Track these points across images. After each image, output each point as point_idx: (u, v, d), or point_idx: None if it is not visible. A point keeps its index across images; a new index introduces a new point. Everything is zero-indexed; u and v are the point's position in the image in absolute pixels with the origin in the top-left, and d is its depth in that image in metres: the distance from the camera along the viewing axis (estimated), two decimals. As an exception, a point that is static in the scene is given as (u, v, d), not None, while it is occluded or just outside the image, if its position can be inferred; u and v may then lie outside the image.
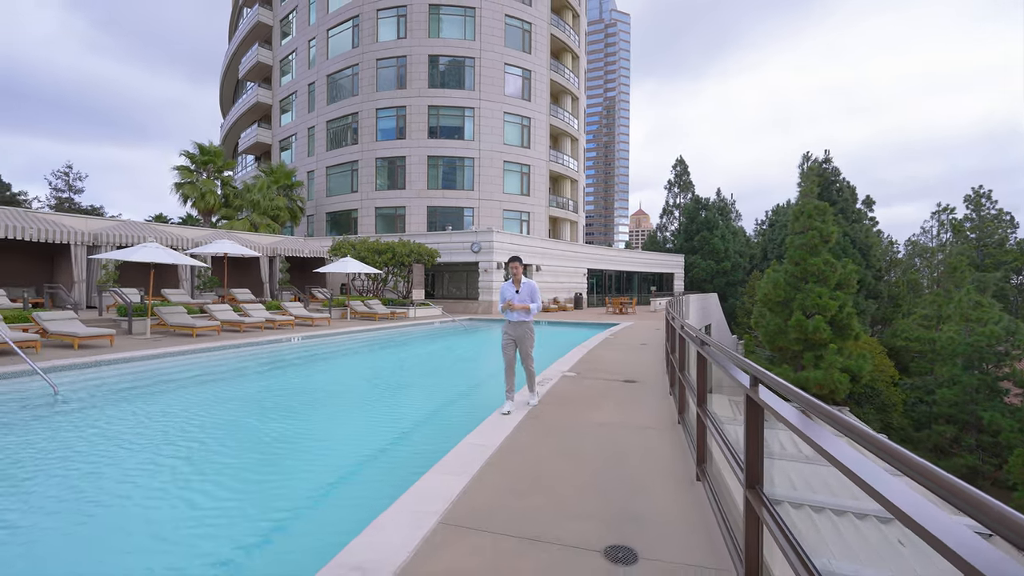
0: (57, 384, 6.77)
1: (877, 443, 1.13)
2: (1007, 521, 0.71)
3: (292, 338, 12.73)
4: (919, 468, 0.95)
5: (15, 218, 15.47)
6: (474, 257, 23.59)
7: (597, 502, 3.13)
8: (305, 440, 5.47)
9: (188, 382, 8.17)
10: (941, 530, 0.82)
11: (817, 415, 1.51)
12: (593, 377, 7.44)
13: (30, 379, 7.36)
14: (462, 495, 3.17)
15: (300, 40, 36.15)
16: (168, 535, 3.22)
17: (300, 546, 3.14)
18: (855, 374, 20.90)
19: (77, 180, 33.09)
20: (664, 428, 4.80)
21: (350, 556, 2.43)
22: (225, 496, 3.89)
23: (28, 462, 4.44)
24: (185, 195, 28.47)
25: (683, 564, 2.44)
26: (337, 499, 3.86)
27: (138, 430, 5.49)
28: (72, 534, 3.23)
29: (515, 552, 2.52)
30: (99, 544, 3.14)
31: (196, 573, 2.79)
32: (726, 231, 46.07)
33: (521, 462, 3.82)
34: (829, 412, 1.41)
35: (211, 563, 2.90)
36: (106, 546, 3.11)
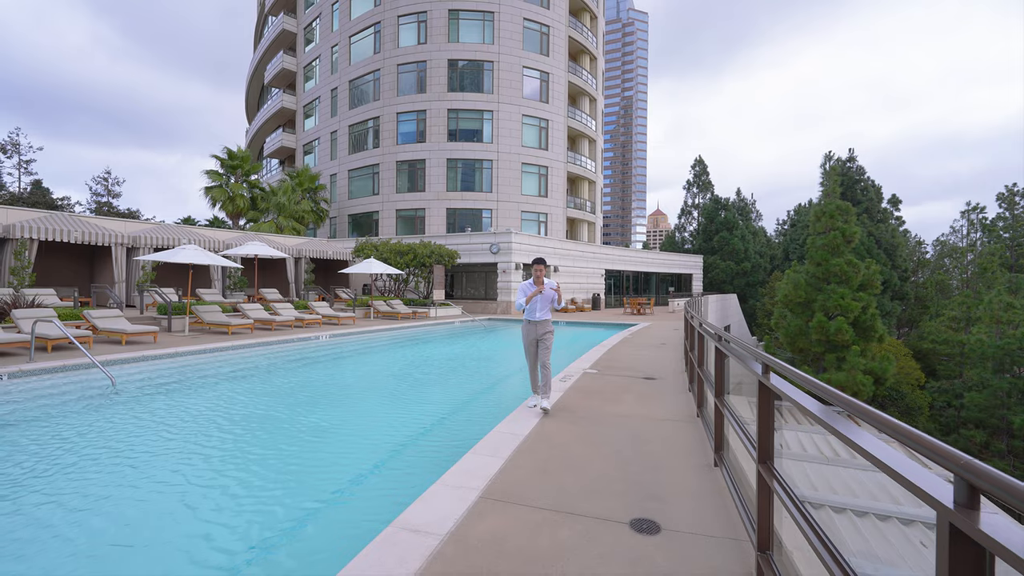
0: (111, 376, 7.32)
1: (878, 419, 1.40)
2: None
3: (320, 336, 13.26)
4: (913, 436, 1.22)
5: (62, 222, 16.41)
6: (493, 258, 23.96)
7: (622, 483, 3.41)
8: (348, 428, 5.87)
9: (230, 376, 8.69)
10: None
11: (820, 392, 1.77)
12: (613, 374, 7.69)
13: (87, 371, 7.96)
14: (498, 474, 3.49)
15: (323, 47, 37.10)
16: (241, 503, 3.62)
17: (358, 513, 3.52)
18: (879, 376, 20.59)
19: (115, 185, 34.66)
20: (683, 421, 5.05)
21: (405, 521, 2.77)
22: (284, 473, 4.29)
23: (99, 442, 4.92)
24: (214, 198, 29.54)
25: (702, 535, 2.71)
26: (382, 478, 4.23)
27: (191, 417, 5.97)
28: (148, 501, 3.66)
29: (551, 522, 2.82)
30: (182, 506, 3.55)
31: (270, 532, 3.17)
32: (746, 231, 45.55)
33: (549, 448, 4.12)
34: (832, 393, 1.68)
35: (281, 524, 3.28)
36: (184, 509, 3.52)
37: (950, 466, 0.91)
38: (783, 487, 2.08)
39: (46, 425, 5.49)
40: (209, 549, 3.03)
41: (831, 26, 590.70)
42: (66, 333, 7.89)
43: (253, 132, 48.28)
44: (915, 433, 1.03)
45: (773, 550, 2.26)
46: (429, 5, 30.78)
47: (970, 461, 0.88)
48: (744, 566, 2.42)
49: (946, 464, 0.92)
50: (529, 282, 5.46)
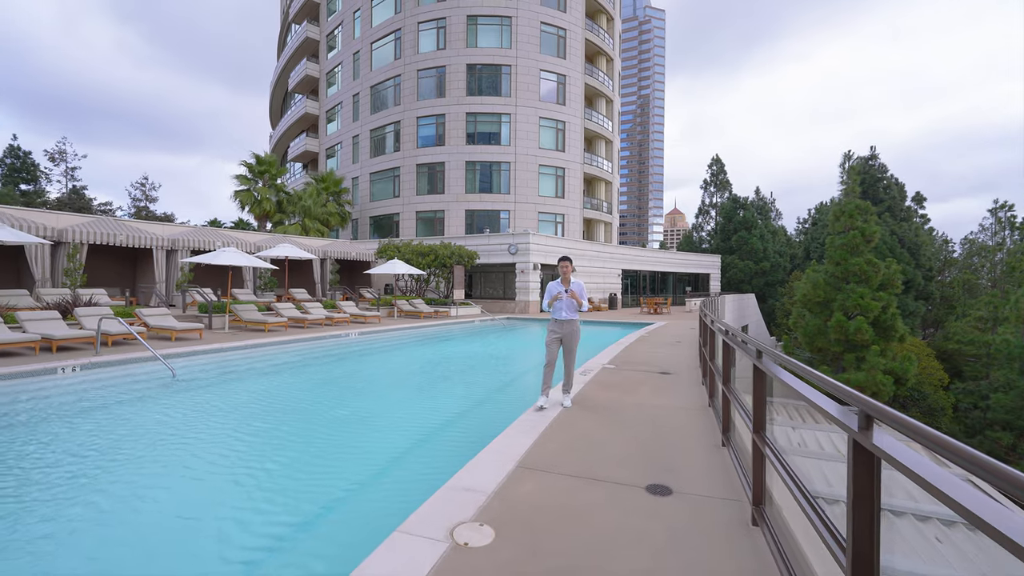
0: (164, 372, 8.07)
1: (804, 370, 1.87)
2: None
3: (350, 334, 13.97)
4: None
5: (108, 226, 17.51)
6: (511, 259, 24.50)
7: (639, 458, 3.89)
8: (391, 413, 6.50)
9: (276, 369, 9.40)
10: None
11: (794, 368, 2.24)
12: (631, 369, 8.14)
13: (148, 364, 8.74)
14: (530, 450, 4.01)
15: (345, 53, 38.16)
16: (317, 468, 4.23)
17: (413, 477, 4.10)
18: (899, 376, 20.48)
19: (152, 190, 36.29)
20: (696, 410, 5.49)
21: (456, 483, 3.31)
22: (345, 448, 4.90)
23: (173, 425, 5.60)
24: (243, 202, 30.78)
25: (707, 496, 3.19)
26: (428, 453, 4.80)
27: (249, 405, 6.64)
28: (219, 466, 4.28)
29: (578, 486, 3.33)
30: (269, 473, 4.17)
31: (340, 491, 3.76)
32: (765, 231, 45.17)
33: (573, 430, 4.63)
34: (800, 367, 2.15)
35: (348, 484, 3.87)
36: (273, 475, 4.13)
37: (852, 401, 1.39)
38: (772, 451, 2.55)
39: (125, 409, 6.22)
40: (301, 501, 3.63)
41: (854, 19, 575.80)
42: (131, 330, 8.68)
43: (277, 137, 49.78)
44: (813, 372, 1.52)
45: (765, 503, 2.73)
46: (448, 11, 31.49)
47: (862, 396, 1.36)
48: (742, 517, 2.89)
49: (853, 401, 1.40)
50: (557, 281, 5.53)
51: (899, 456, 1.24)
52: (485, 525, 2.74)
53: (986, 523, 0.86)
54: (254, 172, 31.33)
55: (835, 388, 1.62)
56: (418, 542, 2.55)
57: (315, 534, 3.27)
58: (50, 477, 4.04)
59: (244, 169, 31.11)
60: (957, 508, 0.95)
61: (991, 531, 0.84)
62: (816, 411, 2.13)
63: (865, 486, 1.38)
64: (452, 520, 2.79)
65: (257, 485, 4.04)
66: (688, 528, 2.79)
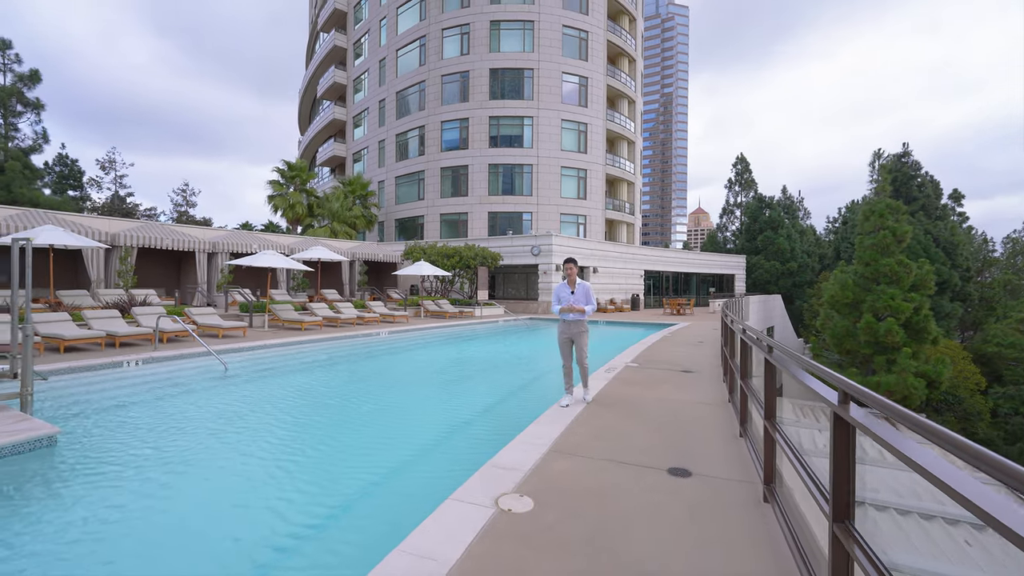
0: (217, 365, 8.75)
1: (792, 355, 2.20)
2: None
3: (380, 332, 14.59)
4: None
5: (156, 230, 18.65)
6: (533, 260, 24.87)
7: (660, 445, 4.24)
8: (428, 404, 6.99)
9: (317, 364, 10.02)
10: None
11: (800, 363, 2.57)
12: (653, 367, 8.42)
13: (201, 359, 9.46)
14: (559, 437, 4.40)
15: (372, 61, 39.23)
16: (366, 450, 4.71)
17: (455, 458, 4.55)
18: (932, 380, 20.00)
19: (192, 195, 38.13)
20: (716, 405, 5.78)
21: (495, 463, 3.72)
22: (391, 432, 5.38)
23: (238, 411, 6.20)
24: (276, 206, 32.06)
25: (723, 478, 3.52)
26: (467, 437, 5.25)
27: (299, 396, 7.21)
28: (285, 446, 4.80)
29: (606, 467, 3.70)
30: (322, 452, 4.67)
31: (392, 469, 4.24)
32: (792, 230, 44.29)
33: (599, 420, 4.99)
34: (807, 363, 2.47)
35: (398, 464, 4.35)
36: (326, 453, 4.64)
37: (834, 383, 1.74)
38: (781, 435, 2.87)
39: (193, 397, 6.87)
40: (360, 474, 4.11)
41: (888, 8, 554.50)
42: (187, 328, 9.43)
43: (306, 142, 51.40)
44: (811, 363, 1.86)
45: (775, 483, 3.05)
46: (472, 17, 32.09)
47: (845, 379, 1.71)
48: (754, 495, 3.22)
49: (832, 382, 1.75)
50: (563, 283, 5.72)
51: (869, 425, 1.59)
52: (525, 496, 3.15)
53: (930, 473, 1.18)
54: (286, 177, 32.59)
55: (824, 373, 1.96)
56: (468, 507, 2.97)
57: (374, 501, 3.74)
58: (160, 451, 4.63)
59: (277, 175, 32.42)
60: (912, 465, 1.29)
61: (934, 480, 1.16)
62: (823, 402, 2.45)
63: (843, 449, 1.73)
64: (496, 491, 3.20)
65: (317, 464, 4.55)
66: (704, 503, 3.13)
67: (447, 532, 2.68)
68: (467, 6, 32.28)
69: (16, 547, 2.99)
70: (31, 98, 24.39)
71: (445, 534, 2.65)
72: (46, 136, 25.38)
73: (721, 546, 2.64)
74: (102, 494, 3.75)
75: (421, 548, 2.51)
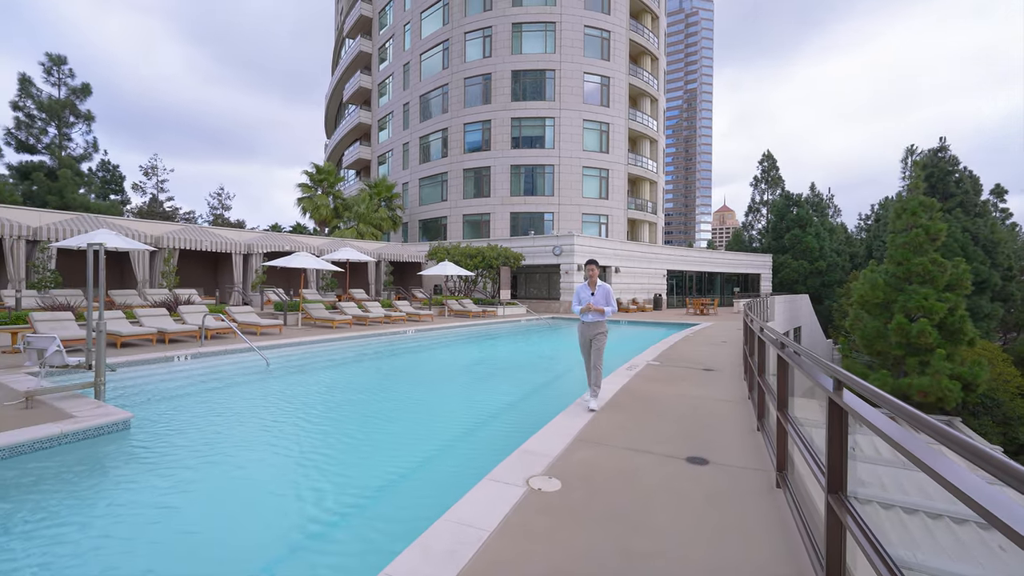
0: (259, 360, 9.32)
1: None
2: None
3: (407, 331, 15.09)
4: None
5: (195, 233, 19.64)
6: (555, 260, 25.10)
7: (681, 437, 4.48)
8: (456, 398, 7.36)
9: (348, 360, 10.54)
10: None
11: (807, 356, 2.80)
12: (675, 365, 8.60)
13: (243, 354, 10.07)
14: (584, 428, 4.68)
15: (396, 65, 40.07)
16: (405, 435, 5.11)
17: (488, 443, 4.90)
18: (968, 382, 19.38)
19: (227, 199, 39.82)
20: (735, 401, 5.96)
21: (526, 448, 4.04)
22: (419, 423, 5.76)
23: (281, 402, 6.69)
24: (305, 208, 33.16)
25: (739, 467, 3.75)
26: (501, 424, 5.60)
27: (336, 389, 7.69)
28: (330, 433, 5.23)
29: (628, 455, 3.98)
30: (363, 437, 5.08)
31: (429, 453, 4.61)
32: (821, 228, 43.21)
33: (620, 414, 5.25)
34: (812, 356, 2.70)
35: (435, 449, 4.72)
36: (368, 439, 5.04)
37: (831, 373, 1.99)
38: (793, 426, 3.10)
39: (242, 389, 7.41)
40: (401, 456, 4.50)
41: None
42: (232, 326, 10.07)
43: (332, 146, 52.79)
44: (813, 356, 2.11)
45: (788, 469, 3.27)
46: (494, 20, 32.49)
47: (839, 369, 1.96)
48: (768, 482, 3.44)
49: (829, 372, 2.00)
50: (584, 284, 5.76)
51: (859, 409, 1.84)
52: (553, 478, 3.46)
53: (907, 451, 1.43)
54: (314, 180, 33.66)
55: (821, 364, 2.21)
56: (503, 486, 3.29)
57: (419, 480, 4.11)
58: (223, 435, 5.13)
59: (305, 178, 33.52)
60: (887, 439, 1.54)
61: (906, 454, 1.41)
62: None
63: (836, 431, 1.98)
64: (527, 473, 3.52)
65: (365, 448, 4.96)
66: (721, 487, 3.38)
67: (485, 506, 3.01)
68: (489, 9, 32.70)
69: (111, 513, 3.46)
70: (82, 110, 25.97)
71: (483, 507, 2.98)
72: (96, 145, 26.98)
73: (735, 523, 2.89)
74: (176, 470, 4.23)
75: (463, 518, 2.85)
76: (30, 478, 3.93)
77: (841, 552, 1.94)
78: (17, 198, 22.31)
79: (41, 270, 15.07)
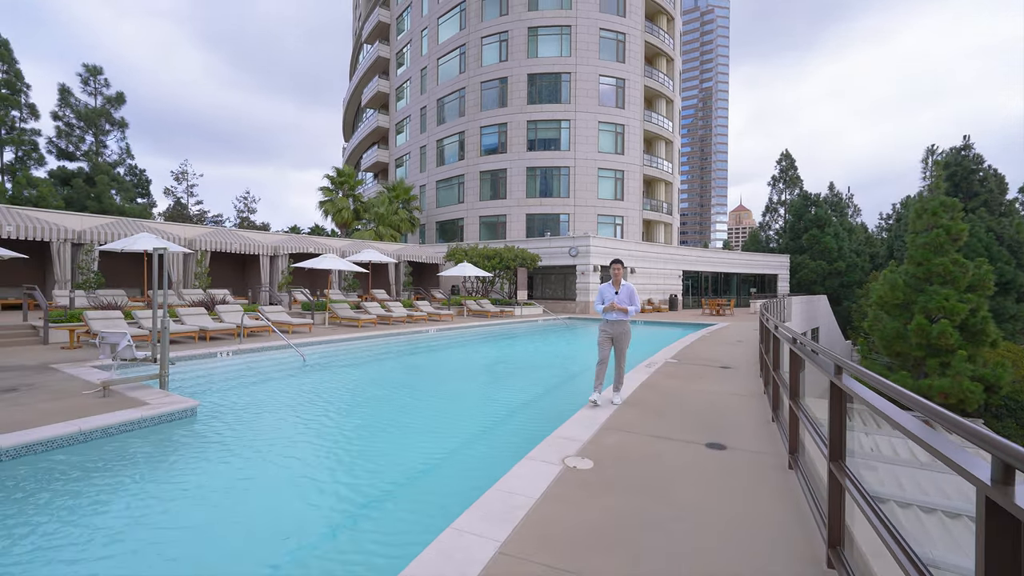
0: (296, 357, 9.89)
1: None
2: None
3: (429, 330, 15.61)
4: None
5: (225, 235, 20.47)
6: (571, 261, 25.43)
7: (700, 426, 4.85)
8: (483, 392, 7.80)
9: (377, 357, 11.07)
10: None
11: (825, 355, 3.16)
12: (692, 363, 8.93)
13: (280, 351, 10.67)
14: (609, 418, 5.08)
15: (413, 70, 40.82)
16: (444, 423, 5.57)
17: (521, 430, 5.34)
18: (991, 384, 19.20)
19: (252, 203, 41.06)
20: (751, 396, 6.29)
21: (558, 434, 4.46)
22: (456, 413, 6.22)
23: (326, 393, 7.21)
24: (326, 211, 34.06)
25: (754, 452, 4.11)
26: (521, 419, 6.02)
27: (372, 383, 8.19)
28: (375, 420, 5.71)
29: (651, 441, 4.37)
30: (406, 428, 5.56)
31: (469, 436, 5.06)
32: (840, 228, 42.72)
33: (642, 406, 5.63)
34: (821, 349, 3.06)
35: (473, 433, 5.17)
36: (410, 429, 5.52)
37: (832, 359, 2.37)
38: (803, 412, 3.46)
39: (282, 382, 7.97)
40: (445, 439, 4.95)
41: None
42: (270, 323, 10.67)
43: (351, 149, 53.85)
44: (820, 347, 2.49)
45: (799, 452, 3.63)
46: (510, 25, 32.96)
47: (839, 357, 2.34)
48: (781, 463, 3.80)
49: (830, 358, 2.38)
50: (608, 284, 5.79)
51: (857, 391, 2.21)
52: (585, 458, 3.87)
53: (889, 417, 1.82)
54: (335, 184, 34.55)
55: (826, 354, 2.58)
56: (542, 464, 3.72)
57: (460, 458, 4.57)
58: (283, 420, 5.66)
59: (327, 182, 34.43)
60: (873, 409, 1.91)
61: (890, 421, 1.80)
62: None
63: (837, 407, 2.36)
64: (561, 454, 3.94)
65: (412, 433, 5.44)
66: (737, 467, 3.75)
67: (528, 479, 3.44)
68: (506, 14, 33.18)
69: (191, 486, 3.98)
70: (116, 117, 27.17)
71: (527, 480, 3.41)
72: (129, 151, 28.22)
73: (749, 493, 3.27)
74: (243, 449, 4.75)
75: (511, 488, 3.28)
76: (124, 453, 4.49)
77: (841, 507, 2.32)
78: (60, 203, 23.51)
79: (86, 271, 15.97)
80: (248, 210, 41.30)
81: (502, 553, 2.50)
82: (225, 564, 2.91)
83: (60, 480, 3.89)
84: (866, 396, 1.97)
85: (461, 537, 2.65)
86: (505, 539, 2.63)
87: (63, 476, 3.96)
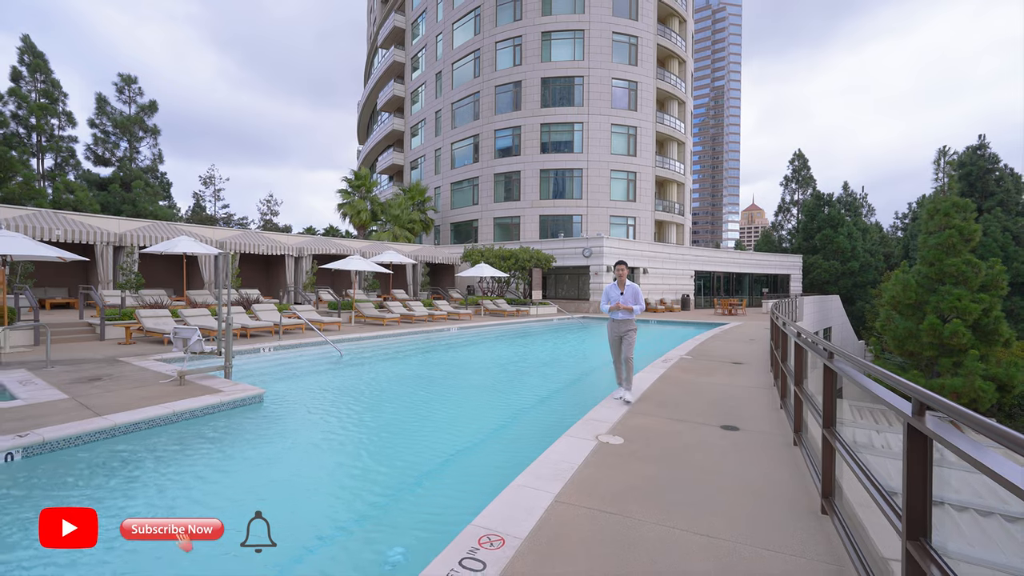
0: (332, 352, 10.61)
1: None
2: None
3: (449, 328, 16.29)
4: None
5: (253, 237, 21.37)
6: (584, 261, 25.98)
7: (714, 412, 5.43)
8: (510, 385, 8.43)
9: (405, 353, 11.77)
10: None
11: (820, 343, 3.73)
12: (706, 359, 9.47)
13: (317, 347, 11.40)
14: (634, 403, 5.68)
15: (428, 74, 41.63)
16: (482, 409, 6.21)
17: (555, 414, 5.97)
18: (1004, 383, 19.38)
19: (275, 205, 42.27)
20: (762, 388, 6.83)
21: (590, 416, 5.08)
22: (488, 402, 6.86)
23: (369, 384, 7.90)
24: (344, 212, 34.99)
25: (764, 432, 4.69)
26: (548, 407, 6.64)
27: (407, 377, 8.88)
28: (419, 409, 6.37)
29: (671, 423, 4.96)
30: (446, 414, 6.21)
31: (508, 419, 5.70)
32: (854, 228, 42.63)
33: (662, 395, 6.22)
34: (817, 339, 3.63)
35: (510, 417, 5.81)
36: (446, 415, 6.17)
37: (824, 346, 2.95)
38: (806, 396, 4.04)
39: (325, 375, 8.69)
40: (487, 421, 5.59)
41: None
42: (306, 321, 11.43)
43: (366, 152, 54.89)
44: (820, 340, 3.07)
45: (803, 431, 4.20)
46: (524, 29, 33.58)
47: (830, 344, 2.92)
48: (786, 441, 4.38)
49: (824, 344, 2.96)
50: (613, 284, 6.04)
51: (847, 372, 2.80)
52: (616, 436, 4.48)
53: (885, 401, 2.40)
54: (352, 186, 35.47)
55: (818, 340, 3.16)
56: (579, 440, 4.34)
57: (502, 438, 5.20)
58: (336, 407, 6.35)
59: (345, 184, 35.36)
60: (852, 380, 2.50)
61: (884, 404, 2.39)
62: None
63: (829, 386, 2.94)
64: (595, 432, 4.55)
65: (462, 415, 6.09)
66: (749, 443, 4.33)
67: (569, 451, 4.06)
68: (519, 19, 33.81)
69: (263, 464, 4.67)
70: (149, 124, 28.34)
71: (568, 452, 4.03)
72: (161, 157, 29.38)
73: (757, 462, 3.86)
74: (308, 432, 5.43)
75: (555, 458, 3.90)
76: (214, 429, 5.20)
77: (832, 464, 2.90)
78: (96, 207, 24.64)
79: (127, 272, 16.93)
80: (271, 212, 42.49)
81: (557, 501, 3.13)
82: (323, 505, 3.57)
83: (172, 448, 4.61)
84: (849, 372, 2.55)
85: (522, 491, 3.28)
86: (558, 492, 3.25)
87: (177, 444, 4.69)
